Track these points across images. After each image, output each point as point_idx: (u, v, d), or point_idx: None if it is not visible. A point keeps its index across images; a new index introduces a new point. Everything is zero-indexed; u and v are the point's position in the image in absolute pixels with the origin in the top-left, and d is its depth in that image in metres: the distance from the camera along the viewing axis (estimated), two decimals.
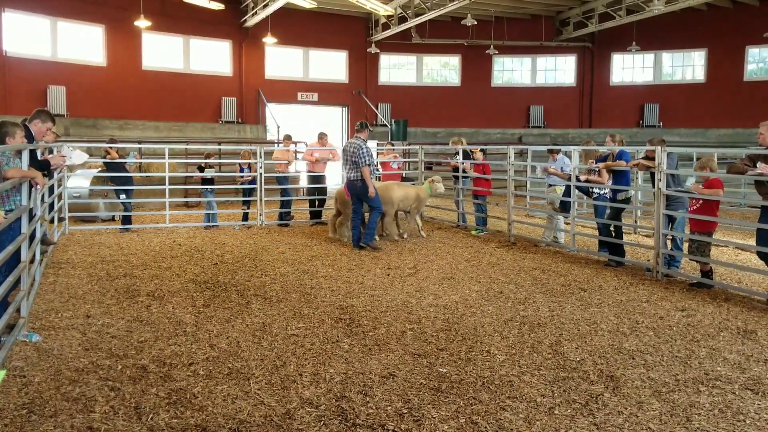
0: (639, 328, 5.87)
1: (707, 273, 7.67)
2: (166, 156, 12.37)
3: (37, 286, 7.04)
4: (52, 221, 10.46)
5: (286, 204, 13.11)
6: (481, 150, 12.31)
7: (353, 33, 24.73)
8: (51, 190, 9.70)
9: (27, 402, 4.11)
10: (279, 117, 22.69)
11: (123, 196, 11.85)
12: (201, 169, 12.60)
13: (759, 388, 4.48)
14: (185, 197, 16.06)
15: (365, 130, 10.31)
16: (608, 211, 9.29)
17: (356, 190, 10.08)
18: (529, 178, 14.04)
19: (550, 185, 11.06)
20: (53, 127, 7.71)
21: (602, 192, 9.44)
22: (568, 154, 10.61)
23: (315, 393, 4.30)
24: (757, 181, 7.04)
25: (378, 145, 21.89)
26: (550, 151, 11.31)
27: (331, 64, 25.13)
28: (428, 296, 7.02)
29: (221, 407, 4.08)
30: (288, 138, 13.96)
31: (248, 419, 3.92)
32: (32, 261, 6.58)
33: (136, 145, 17.03)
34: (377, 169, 14.20)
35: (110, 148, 11.83)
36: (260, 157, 12.41)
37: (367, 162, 9.97)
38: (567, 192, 10.13)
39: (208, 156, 13.00)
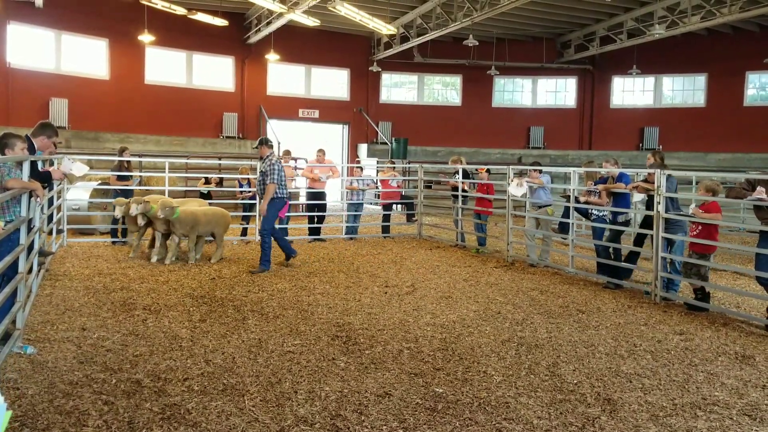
0: (637, 352, 5.85)
1: (699, 291, 7.64)
2: (167, 170, 12.39)
3: (33, 297, 7.01)
4: (50, 233, 10.45)
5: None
6: (487, 170, 12.33)
7: (355, 51, 24.89)
8: (50, 201, 9.69)
9: (20, 415, 4.07)
10: (280, 133, 22.78)
11: None
12: (208, 182, 12.81)
13: (756, 414, 4.45)
14: None
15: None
16: (607, 233, 9.29)
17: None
18: (528, 198, 14.04)
19: (541, 207, 10.95)
20: (56, 140, 7.74)
21: (601, 214, 9.45)
22: (568, 176, 10.58)
23: (310, 411, 4.28)
24: (756, 206, 7.06)
25: (378, 163, 21.98)
26: (534, 166, 11.09)
27: (332, 82, 25.30)
28: (425, 315, 7.00)
29: (215, 423, 4.05)
30: (287, 153, 13.94)
31: None
32: (29, 272, 6.56)
33: (137, 159, 17.04)
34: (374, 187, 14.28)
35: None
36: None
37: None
38: (566, 213, 10.12)
39: (207, 182, 13.21)
